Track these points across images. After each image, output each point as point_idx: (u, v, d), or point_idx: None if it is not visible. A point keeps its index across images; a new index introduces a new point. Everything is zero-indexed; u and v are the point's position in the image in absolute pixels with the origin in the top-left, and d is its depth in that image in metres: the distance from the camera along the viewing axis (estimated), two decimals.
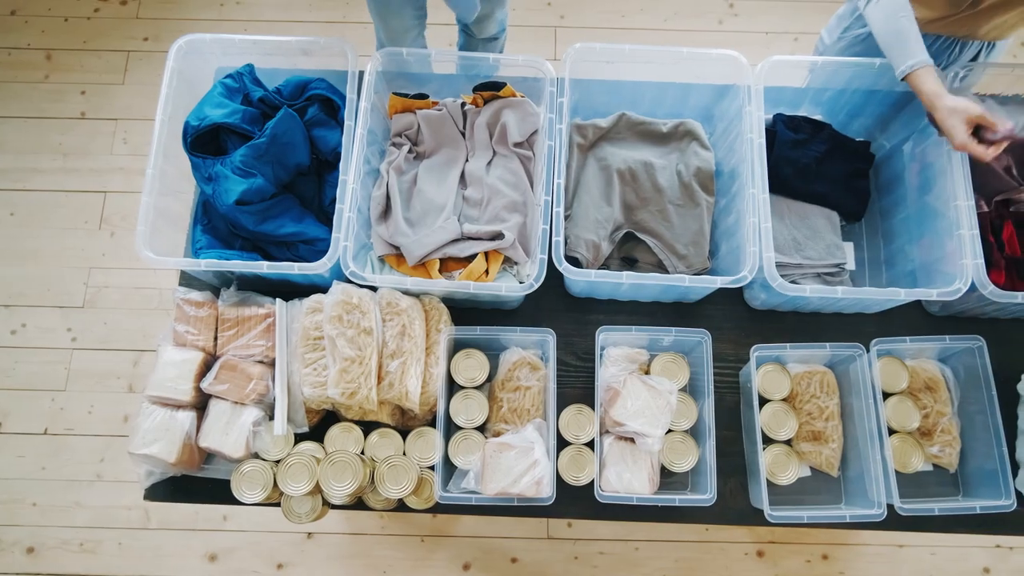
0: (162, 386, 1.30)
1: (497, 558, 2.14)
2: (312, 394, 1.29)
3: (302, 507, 1.30)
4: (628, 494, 1.26)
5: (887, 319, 1.47)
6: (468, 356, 1.37)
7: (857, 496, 1.34)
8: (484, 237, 1.34)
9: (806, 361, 1.41)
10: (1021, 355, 1.45)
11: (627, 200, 1.46)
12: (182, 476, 1.36)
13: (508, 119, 1.39)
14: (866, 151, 1.52)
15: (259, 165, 1.36)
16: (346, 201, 1.27)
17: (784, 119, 1.48)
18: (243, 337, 1.34)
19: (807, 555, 2.14)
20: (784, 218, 1.46)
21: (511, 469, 1.25)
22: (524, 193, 1.38)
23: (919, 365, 1.41)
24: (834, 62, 1.41)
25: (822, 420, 1.36)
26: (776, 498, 1.37)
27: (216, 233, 1.41)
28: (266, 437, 1.30)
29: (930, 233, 1.37)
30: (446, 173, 1.41)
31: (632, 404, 1.29)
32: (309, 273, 1.25)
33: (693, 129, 1.49)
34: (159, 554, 2.14)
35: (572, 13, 2.65)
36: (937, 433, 1.37)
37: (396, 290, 1.31)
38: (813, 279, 1.44)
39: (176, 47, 1.37)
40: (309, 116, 1.42)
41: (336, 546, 2.15)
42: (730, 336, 1.46)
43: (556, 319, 1.46)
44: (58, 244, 2.40)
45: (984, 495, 1.33)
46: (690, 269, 1.42)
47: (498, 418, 1.36)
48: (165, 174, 1.35)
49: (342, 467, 1.20)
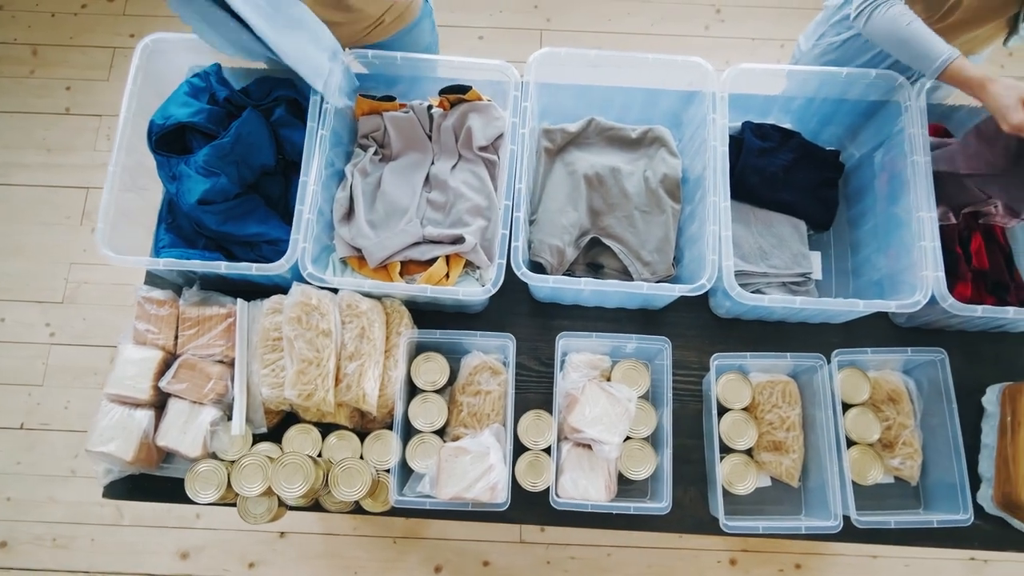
0: (121, 384, 1.30)
1: (469, 561, 2.13)
2: (270, 395, 1.29)
3: (258, 508, 1.30)
4: (584, 501, 1.26)
5: (852, 330, 1.46)
6: (428, 360, 1.37)
7: (817, 507, 1.33)
8: (445, 241, 1.34)
9: (768, 371, 1.40)
10: (987, 368, 1.45)
11: (594, 205, 1.46)
12: (141, 474, 1.36)
13: (473, 123, 1.39)
14: (835, 160, 1.52)
15: (223, 165, 1.36)
16: (306, 202, 1.27)
17: (752, 127, 1.48)
18: (203, 336, 1.34)
19: (780, 564, 2.14)
20: (750, 226, 1.46)
21: (466, 474, 1.24)
22: (488, 197, 1.38)
23: (882, 377, 1.40)
24: (803, 70, 1.41)
25: (783, 430, 1.36)
26: (736, 507, 1.36)
27: (180, 232, 1.41)
28: (224, 437, 1.30)
29: (896, 244, 1.37)
30: (411, 176, 1.41)
31: (590, 411, 1.28)
32: (268, 274, 1.25)
33: (662, 135, 1.49)
34: (131, 551, 2.14)
35: (558, 16, 2.65)
36: (899, 445, 1.36)
37: (356, 292, 1.31)
38: (778, 288, 1.44)
39: (142, 45, 1.37)
40: (276, 117, 1.42)
41: (308, 546, 2.15)
42: (694, 344, 1.45)
43: (520, 324, 1.46)
44: (39, 239, 2.40)
45: (944, 508, 1.32)
46: (655, 276, 1.42)
47: (458, 422, 1.36)
48: (130, 171, 1.35)
49: (294, 469, 1.20)
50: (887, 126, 1.39)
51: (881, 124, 1.42)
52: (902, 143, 1.33)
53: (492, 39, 2.62)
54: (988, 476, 1.36)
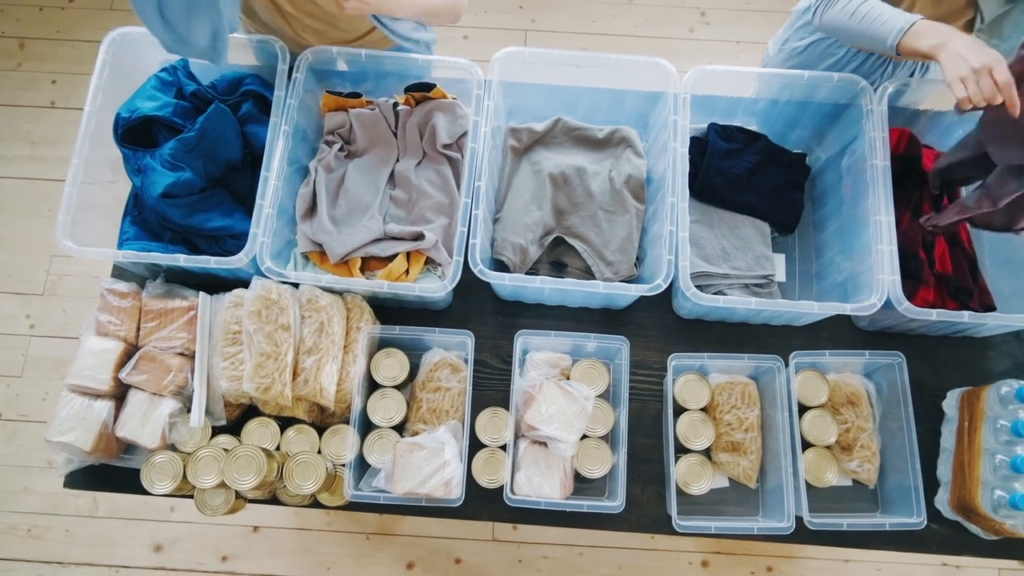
0: (81, 375, 1.30)
1: (441, 558, 2.14)
2: (228, 388, 1.29)
3: (215, 500, 1.30)
4: (537, 498, 1.26)
5: (815, 332, 1.47)
6: (389, 355, 1.37)
7: (774, 509, 1.33)
8: (407, 237, 1.35)
9: (728, 372, 1.40)
10: (949, 373, 1.45)
11: (558, 205, 1.46)
12: (102, 465, 1.37)
13: (438, 121, 1.39)
14: (801, 163, 1.52)
15: (189, 159, 1.37)
16: (266, 197, 1.28)
17: (718, 128, 1.48)
18: (165, 329, 1.35)
19: (752, 567, 2.14)
20: (714, 228, 1.46)
21: (420, 469, 1.25)
22: (451, 195, 1.38)
23: (843, 379, 1.40)
24: (767, 73, 1.41)
25: (741, 431, 1.36)
26: (693, 508, 1.37)
27: (146, 225, 1.42)
28: (183, 429, 1.31)
29: (860, 248, 1.37)
30: (375, 173, 1.42)
31: (547, 409, 1.29)
32: (228, 267, 1.26)
33: (628, 136, 1.49)
34: (105, 542, 2.15)
35: (543, 17, 2.66)
36: (857, 448, 1.36)
37: (317, 287, 1.32)
38: (740, 290, 1.44)
39: (109, 39, 1.38)
40: (243, 112, 1.43)
41: (281, 541, 2.16)
42: (656, 344, 1.46)
43: (483, 322, 1.47)
44: (22, 231, 2.42)
45: (901, 512, 1.32)
46: (617, 276, 1.42)
47: (417, 418, 1.36)
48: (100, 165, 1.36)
49: (247, 461, 1.21)
50: (851, 129, 1.40)
51: (845, 127, 1.42)
52: (864, 147, 1.34)
53: (477, 39, 2.63)
54: (945, 480, 1.36)
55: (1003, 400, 1.27)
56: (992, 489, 1.24)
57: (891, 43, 1.16)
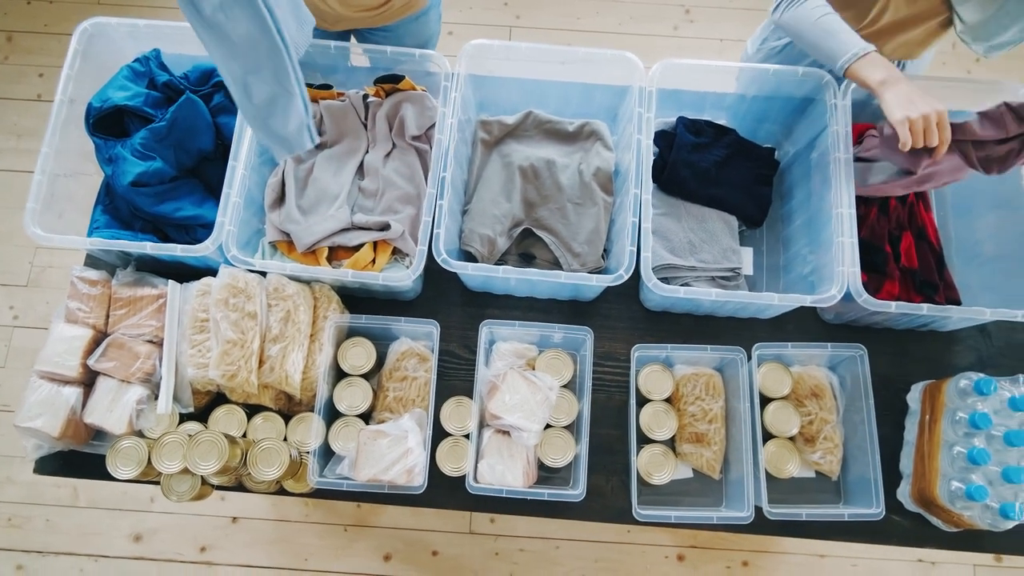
0: (50, 361, 1.32)
1: (418, 550, 2.15)
2: (195, 375, 1.31)
3: (181, 486, 1.31)
4: (500, 486, 1.27)
5: (782, 325, 1.48)
6: (356, 344, 1.39)
7: (736, 499, 1.34)
8: (373, 227, 1.36)
9: (694, 363, 1.42)
10: (914, 366, 1.46)
11: (528, 197, 1.47)
12: (71, 451, 1.38)
13: (406, 112, 1.41)
14: (770, 158, 1.53)
15: (160, 148, 1.38)
16: (233, 185, 1.29)
17: (686, 122, 1.49)
18: (134, 316, 1.36)
19: (727, 561, 2.15)
20: (681, 220, 1.47)
21: (383, 456, 1.26)
22: (419, 186, 1.40)
23: (807, 372, 1.41)
24: (734, 67, 1.42)
25: (705, 422, 1.37)
26: (657, 498, 1.38)
27: (117, 215, 1.43)
28: (151, 415, 1.32)
29: (823, 240, 1.38)
30: (344, 163, 1.43)
31: (510, 398, 1.30)
32: (194, 255, 1.27)
33: (598, 130, 1.50)
34: (85, 532, 2.16)
35: (528, 14, 2.67)
36: (820, 440, 1.37)
37: (284, 276, 1.33)
38: (707, 282, 1.45)
39: (80, 29, 1.40)
40: (215, 103, 1.44)
41: (260, 531, 2.17)
42: (624, 336, 1.47)
43: (452, 313, 1.48)
44: (6, 223, 2.43)
45: (862, 504, 1.33)
46: (585, 267, 1.43)
47: (383, 407, 1.37)
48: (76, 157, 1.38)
49: (209, 446, 1.22)
50: (817, 124, 1.41)
51: (811, 121, 1.43)
52: (827, 140, 1.35)
53: (462, 35, 2.64)
54: (908, 473, 1.37)
55: (962, 393, 1.28)
56: (950, 481, 1.25)
57: (842, 64, 1.19)
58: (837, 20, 1.21)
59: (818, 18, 1.21)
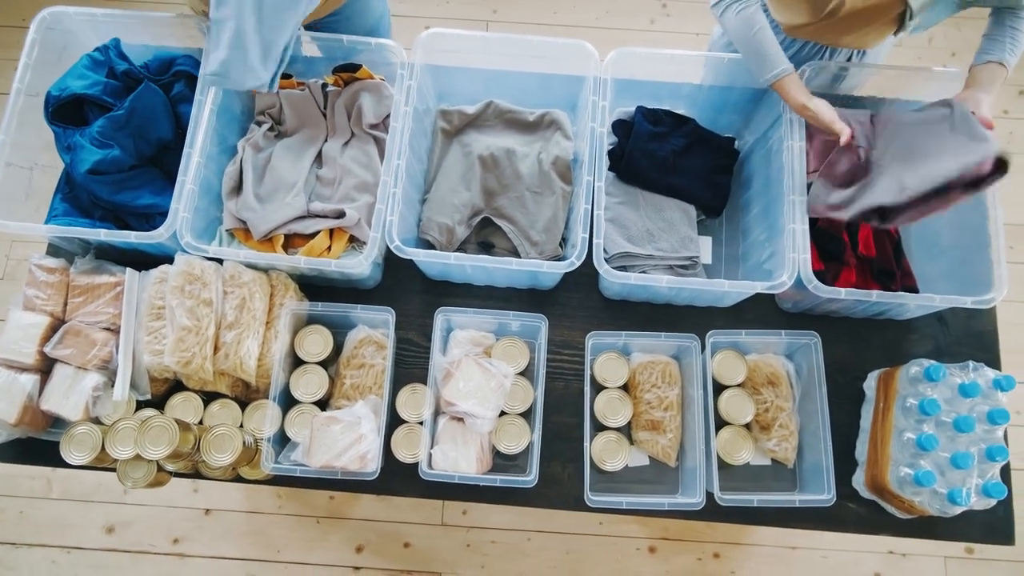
0: (7, 348, 1.32)
1: (390, 542, 2.16)
2: (151, 361, 1.31)
3: (136, 472, 1.31)
4: (453, 472, 1.28)
5: (740, 313, 1.48)
6: (313, 332, 1.39)
7: (691, 486, 1.35)
8: (329, 215, 1.36)
9: (650, 351, 1.42)
10: (871, 354, 1.47)
11: (487, 186, 1.48)
12: (29, 438, 1.38)
13: (364, 101, 1.41)
14: (730, 147, 1.54)
15: (118, 136, 1.38)
16: (188, 173, 1.30)
17: (645, 111, 1.50)
18: (92, 304, 1.37)
19: (699, 553, 2.15)
20: (639, 209, 1.48)
21: (336, 443, 1.26)
22: (375, 174, 1.40)
23: (763, 360, 1.42)
24: (689, 56, 1.43)
25: (661, 410, 1.38)
26: (612, 485, 1.39)
27: (76, 203, 1.44)
28: (107, 402, 1.33)
29: (778, 228, 1.38)
30: (302, 152, 1.43)
31: (464, 385, 1.30)
32: (149, 242, 1.28)
33: (558, 119, 1.51)
34: (59, 524, 2.17)
35: (505, 8, 2.68)
36: (775, 427, 1.38)
37: (240, 264, 1.33)
38: (665, 271, 1.45)
39: (39, 18, 1.40)
40: (175, 92, 1.45)
41: (233, 523, 2.17)
42: (582, 324, 1.47)
43: (411, 301, 1.48)
44: None
45: (817, 490, 1.33)
46: (543, 255, 1.44)
47: (340, 394, 1.38)
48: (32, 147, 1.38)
49: (159, 432, 1.22)
50: (772, 112, 1.41)
51: (768, 110, 1.44)
52: (782, 128, 1.35)
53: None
54: (862, 460, 1.37)
55: (913, 380, 1.29)
56: (900, 467, 1.25)
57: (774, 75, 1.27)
58: (770, 37, 1.28)
59: (760, 27, 1.26)
